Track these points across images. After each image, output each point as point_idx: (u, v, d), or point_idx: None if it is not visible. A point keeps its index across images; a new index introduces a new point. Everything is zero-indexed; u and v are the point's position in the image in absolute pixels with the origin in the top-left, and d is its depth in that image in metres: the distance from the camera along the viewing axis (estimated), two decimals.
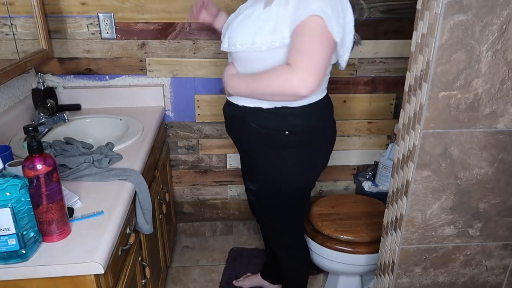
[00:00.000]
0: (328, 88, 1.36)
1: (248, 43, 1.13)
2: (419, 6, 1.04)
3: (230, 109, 1.31)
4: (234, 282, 1.94)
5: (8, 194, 0.82)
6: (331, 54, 1.11)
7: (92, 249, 0.92)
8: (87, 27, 1.77)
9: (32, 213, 0.89)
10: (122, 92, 1.87)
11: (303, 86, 1.05)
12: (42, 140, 1.44)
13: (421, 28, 1.03)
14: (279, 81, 1.09)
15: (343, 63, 1.23)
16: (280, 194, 1.35)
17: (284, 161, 1.26)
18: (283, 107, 1.20)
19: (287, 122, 1.21)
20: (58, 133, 1.58)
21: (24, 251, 0.87)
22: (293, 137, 1.23)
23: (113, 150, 1.39)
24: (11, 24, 1.52)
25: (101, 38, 1.79)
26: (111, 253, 0.96)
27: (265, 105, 1.21)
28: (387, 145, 2.11)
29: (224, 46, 1.22)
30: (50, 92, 1.74)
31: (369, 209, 1.79)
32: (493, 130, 1.06)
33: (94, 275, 0.90)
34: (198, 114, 1.99)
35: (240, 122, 1.28)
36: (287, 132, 1.22)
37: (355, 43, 1.22)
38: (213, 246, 2.21)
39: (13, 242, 0.85)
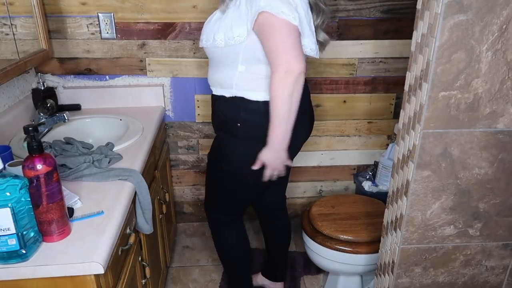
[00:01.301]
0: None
1: (210, 40, 1.26)
2: (419, 6, 1.04)
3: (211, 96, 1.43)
4: None
5: (8, 194, 0.82)
6: (299, 37, 1.14)
7: (92, 249, 0.92)
8: (87, 27, 1.77)
9: (32, 213, 0.89)
10: (122, 92, 1.87)
11: (290, 74, 1.12)
12: (42, 140, 1.44)
13: (421, 28, 1.03)
14: (279, 91, 1.15)
15: (307, 51, 1.24)
16: (220, 172, 1.44)
17: (233, 147, 1.35)
18: (240, 98, 1.28)
19: (239, 115, 1.29)
20: (58, 133, 1.58)
21: (24, 251, 0.87)
22: (244, 130, 1.31)
23: (113, 150, 1.39)
24: (11, 24, 1.52)
25: (101, 38, 1.79)
26: (111, 253, 0.96)
27: (227, 94, 1.31)
28: (387, 145, 2.11)
29: (200, 43, 1.35)
30: (50, 92, 1.74)
31: (369, 209, 1.79)
32: (493, 130, 1.06)
33: (94, 275, 0.90)
34: (198, 114, 1.99)
35: (212, 108, 1.42)
36: (239, 124, 1.30)
37: (323, 44, 1.34)
38: (213, 246, 2.20)
39: (13, 242, 0.85)
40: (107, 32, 1.78)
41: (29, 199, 0.87)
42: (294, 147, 1.38)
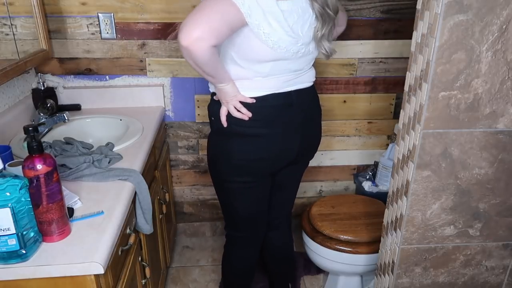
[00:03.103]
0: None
1: None
2: (419, 6, 1.04)
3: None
4: None
5: (8, 194, 0.82)
6: (229, 15, 1.04)
7: (92, 249, 0.92)
8: (87, 27, 1.77)
9: (32, 213, 0.89)
10: (122, 92, 1.87)
11: (180, 33, 1.02)
12: (42, 140, 1.44)
13: (421, 28, 1.03)
14: None
15: (270, 43, 1.11)
16: (211, 177, 1.43)
17: (209, 142, 1.37)
18: (212, 92, 1.31)
19: (210, 108, 1.33)
20: (58, 133, 1.58)
21: (24, 251, 0.87)
22: (214, 123, 1.32)
23: (113, 150, 1.39)
24: (11, 24, 1.52)
25: (101, 38, 1.79)
26: (111, 253, 0.96)
27: (210, 89, 1.33)
28: (387, 145, 2.11)
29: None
30: (50, 92, 1.74)
31: (369, 209, 1.79)
32: (493, 130, 1.06)
33: (94, 275, 0.90)
34: (198, 114, 1.99)
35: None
36: (213, 118, 1.32)
37: (329, 54, 1.24)
38: (213, 246, 2.21)
39: (13, 242, 0.85)
40: (107, 32, 1.78)
41: (29, 199, 0.87)
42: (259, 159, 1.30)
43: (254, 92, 1.22)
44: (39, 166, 0.88)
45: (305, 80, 1.30)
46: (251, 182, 1.35)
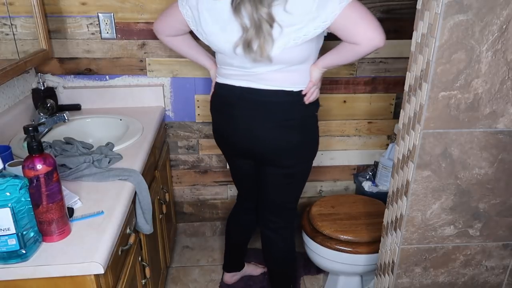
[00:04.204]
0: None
1: None
2: (419, 6, 1.04)
3: None
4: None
5: (8, 194, 0.82)
6: (174, 15, 1.37)
7: (92, 249, 0.92)
8: (87, 27, 1.77)
9: (32, 213, 0.89)
10: (122, 92, 1.87)
11: None
12: (42, 140, 1.44)
13: (421, 28, 1.03)
14: None
15: (213, 47, 1.33)
16: None
17: None
18: None
19: None
20: (58, 133, 1.58)
21: (24, 251, 0.87)
22: None
23: (113, 150, 1.39)
24: (11, 24, 1.52)
25: (101, 38, 1.79)
26: (111, 253, 0.96)
27: None
28: (387, 145, 2.11)
29: None
30: (50, 92, 1.74)
31: (369, 209, 1.79)
32: (493, 130, 1.06)
33: (94, 275, 0.90)
34: (198, 114, 1.99)
35: None
36: None
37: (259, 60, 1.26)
38: (213, 246, 2.21)
39: (13, 242, 0.85)
40: (107, 32, 1.78)
41: (29, 199, 0.87)
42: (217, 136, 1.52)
43: (216, 77, 1.45)
44: (39, 166, 0.88)
45: (262, 80, 1.28)
46: (226, 156, 1.61)
